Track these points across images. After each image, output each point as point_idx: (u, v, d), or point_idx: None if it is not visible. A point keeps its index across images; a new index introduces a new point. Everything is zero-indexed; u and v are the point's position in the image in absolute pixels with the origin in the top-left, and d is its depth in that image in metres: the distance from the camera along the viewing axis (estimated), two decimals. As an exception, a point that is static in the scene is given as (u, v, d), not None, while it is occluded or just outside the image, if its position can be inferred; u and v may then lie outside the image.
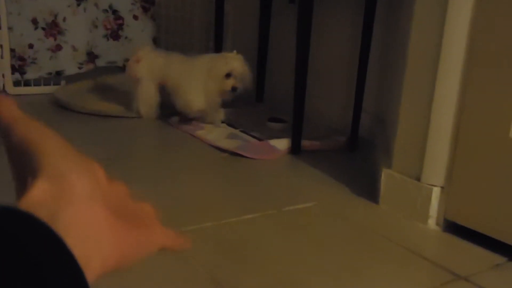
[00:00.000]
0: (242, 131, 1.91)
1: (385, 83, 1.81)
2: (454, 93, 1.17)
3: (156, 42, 2.76)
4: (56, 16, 2.43)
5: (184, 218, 1.20)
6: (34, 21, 2.39)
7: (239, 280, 0.98)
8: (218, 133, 1.88)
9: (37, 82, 2.41)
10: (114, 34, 2.66)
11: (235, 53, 1.89)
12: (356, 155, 1.78)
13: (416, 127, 1.24)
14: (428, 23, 1.18)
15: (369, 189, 1.40)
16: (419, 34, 1.21)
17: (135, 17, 2.71)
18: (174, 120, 2.00)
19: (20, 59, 2.37)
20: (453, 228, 1.20)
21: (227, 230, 1.18)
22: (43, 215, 0.25)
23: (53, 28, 2.43)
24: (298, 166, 1.65)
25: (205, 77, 1.87)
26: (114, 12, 2.66)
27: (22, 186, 0.29)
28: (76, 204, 0.28)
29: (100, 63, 2.62)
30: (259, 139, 1.82)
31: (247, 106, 2.19)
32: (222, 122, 1.99)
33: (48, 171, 0.28)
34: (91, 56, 2.58)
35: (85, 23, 2.53)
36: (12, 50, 2.34)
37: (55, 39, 2.44)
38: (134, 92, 2.04)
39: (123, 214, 0.31)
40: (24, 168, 0.30)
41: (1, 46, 2.30)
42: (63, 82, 2.45)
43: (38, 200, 0.27)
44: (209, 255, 1.06)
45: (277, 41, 2.28)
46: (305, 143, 1.76)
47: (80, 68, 2.52)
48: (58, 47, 2.45)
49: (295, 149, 1.73)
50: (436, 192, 1.22)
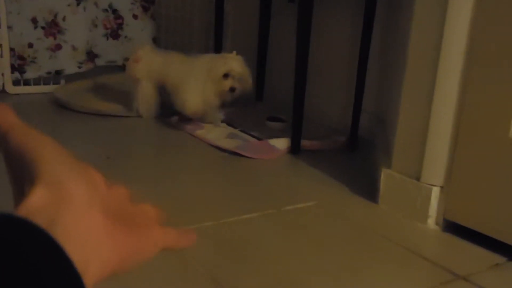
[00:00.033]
0: (241, 130, 1.91)
1: (385, 83, 1.81)
2: (454, 93, 1.17)
3: (156, 41, 2.76)
4: (55, 15, 2.43)
5: (184, 218, 1.20)
6: (34, 20, 2.39)
7: (239, 279, 0.98)
8: (217, 132, 1.88)
9: (37, 81, 2.40)
10: (114, 34, 2.66)
11: (235, 54, 1.89)
12: (356, 155, 1.78)
13: (416, 127, 1.24)
14: (428, 23, 1.18)
15: (368, 189, 1.40)
16: (419, 34, 1.21)
17: (135, 17, 2.71)
18: (174, 120, 2.00)
19: (19, 58, 2.37)
20: (453, 227, 1.20)
21: (227, 229, 1.18)
22: (41, 222, 0.26)
23: (52, 27, 2.43)
24: (297, 165, 1.65)
25: (204, 78, 1.86)
26: (114, 11, 2.66)
27: (20, 193, 0.29)
28: (74, 211, 0.28)
29: (99, 62, 2.62)
30: (259, 139, 1.82)
31: (247, 105, 2.19)
32: (222, 122, 1.99)
33: (46, 178, 0.28)
34: (91, 56, 2.57)
35: (85, 22, 2.52)
36: (12, 49, 2.34)
37: (55, 38, 2.44)
38: (134, 92, 2.04)
39: (122, 218, 0.31)
40: (22, 175, 0.30)
41: (0, 45, 2.30)
42: (62, 82, 2.45)
43: (36, 206, 0.27)
44: (208, 254, 1.06)
45: (277, 40, 2.28)
46: (304, 143, 1.76)
47: (79, 67, 2.52)
48: (58, 47, 2.45)
49: (295, 149, 1.73)
50: (435, 192, 1.22)
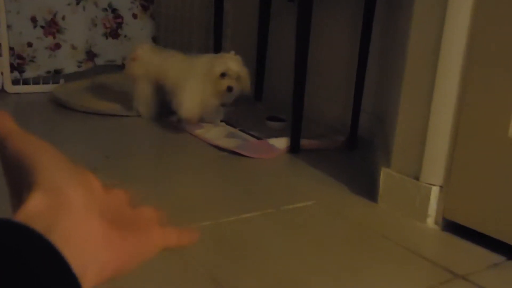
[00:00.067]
0: (241, 130, 1.91)
1: (384, 82, 1.81)
2: (454, 93, 1.17)
3: (155, 40, 2.75)
4: (55, 15, 2.43)
5: (183, 217, 1.20)
6: (33, 20, 2.39)
7: (238, 279, 0.98)
8: (217, 132, 1.88)
9: (36, 80, 2.40)
10: (113, 33, 2.66)
11: (233, 53, 1.88)
12: (355, 154, 1.78)
13: (415, 126, 1.24)
14: (428, 23, 1.19)
15: (368, 188, 1.40)
16: (418, 34, 1.21)
17: (135, 16, 2.71)
18: (174, 119, 1.99)
19: (19, 58, 2.36)
20: (452, 227, 1.21)
21: (226, 229, 1.18)
22: (40, 227, 0.26)
23: (52, 27, 2.43)
24: (297, 165, 1.65)
25: (202, 79, 1.85)
26: (114, 10, 2.66)
27: (18, 199, 0.29)
28: (72, 216, 0.28)
29: (99, 61, 2.62)
30: (258, 138, 1.82)
31: (246, 105, 2.19)
32: (221, 121, 1.99)
33: (43, 183, 0.29)
34: (90, 55, 2.57)
35: (84, 22, 2.52)
36: (11, 49, 2.34)
37: (54, 37, 2.44)
38: (133, 91, 2.04)
39: (121, 222, 0.31)
40: (19, 181, 0.30)
41: (0, 44, 2.30)
42: (62, 81, 2.45)
43: (35, 212, 0.27)
44: (208, 254, 1.06)
45: (276, 40, 2.28)
46: (304, 142, 1.76)
47: (79, 66, 2.52)
48: (57, 46, 2.45)
49: (294, 148, 1.74)
50: (435, 191, 1.22)
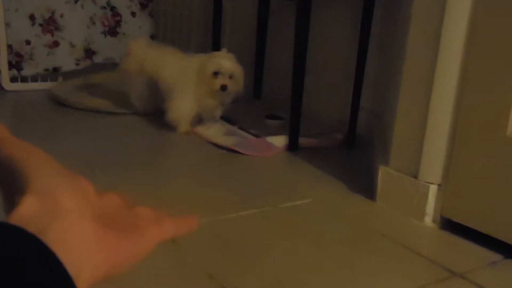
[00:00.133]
0: (240, 127, 1.91)
1: (383, 80, 1.81)
2: (452, 91, 1.17)
3: (154, 38, 2.75)
4: (53, 13, 2.43)
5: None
6: (32, 17, 2.39)
7: (235, 276, 0.98)
8: (215, 129, 1.88)
9: (34, 78, 2.40)
10: (112, 31, 2.66)
11: (225, 51, 1.83)
12: (354, 152, 1.78)
13: (414, 124, 1.24)
14: (427, 21, 1.18)
15: (366, 186, 1.40)
16: (417, 32, 1.21)
17: (133, 14, 2.71)
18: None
19: (17, 55, 2.36)
20: (450, 225, 1.21)
21: (224, 226, 1.18)
22: (33, 230, 0.26)
23: (50, 24, 2.43)
24: (295, 163, 1.65)
25: (195, 81, 1.80)
26: (112, 8, 2.66)
27: (11, 204, 0.30)
28: (65, 219, 0.28)
29: (97, 59, 2.62)
30: (257, 136, 1.82)
31: (245, 103, 2.19)
32: (221, 117, 1.98)
33: (36, 187, 0.29)
34: (89, 53, 2.57)
35: (82, 20, 2.52)
36: (9, 46, 2.33)
37: (53, 35, 2.44)
38: (129, 87, 2.02)
39: (114, 223, 0.31)
40: (12, 186, 0.30)
41: (-2, 42, 2.30)
42: (60, 78, 2.45)
43: (27, 215, 0.28)
44: (205, 251, 1.06)
45: (275, 38, 2.28)
46: (302, 141, 1.75)
47: (77, 64, 2.51)
48: (56, 44, 2.45)
49: (293, 146, 1.73)
50: (433, 189, 1.22)
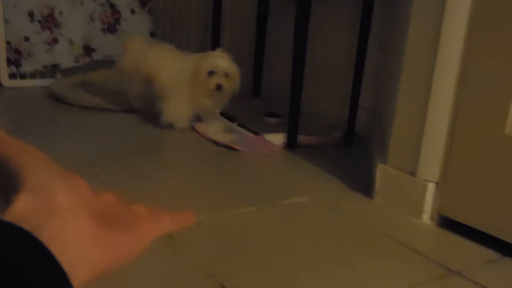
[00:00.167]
0: (239, 124, 1.91)
1: (382, 78, 1.81)
2: (451, 90, 1.17)
3: (153, 36, 2.75)
4: (52, 9, 2.42)
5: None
6: (31, 14, 2.38)
7: (234, 273, 0.98)
8: (214, 127, 1.88)
9: (33, 75, 2.40)
10: (111, 28, 2.66)
11: (220, 50, 1.82)
12: (352, 150, 1.78)
13: (412, 123, 1.24)
14: (426, 19, 1.18)
15: (364, 184, 1.40)
16: (416, 30, 1.21)
17: (132, 11, 2.70)
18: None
19: (16, 52, 2.36)
20: (447, 223, 1.21)
21: (223, 223, 1.18)
22: (27, 227, 0.26)
23: (49, 21, 2.42)
24: (293, 160, 1.65)
25: (190, 82, 1.79)
26: (112, 6, 2.65)
27: (6, 202, 0.30)
28: (60, 216, 0.29)
29: (96, 56, 2.61)
30: (256, 133, 1.82)
31: (244, 101, 2.19)
32: (220, 113, 1.97)
33: (31, 185, 0.29)
34: (88, 50, 2.57)
35: (82, 17, 2.52)
36: (8, 43, 2.33)
37: (52, 32, 2.43)
38: (126, 84, 2.01)
39: (109, 221, 0.32)
40: (7, 185, 0.30)
41: (-3, 38, 2.30)
42: (59, 75, 2.45)
43: (22, 213, 0.28)
44: (204, 248, 1.06)
45: (274, 36, 2.28)
46: (301, 138, 1.76)
47: (76, 61, 2.51)
48: (55, 40, 2.44)
49: (291, 144, 1.73)
50: (431, 187, 1.22)
